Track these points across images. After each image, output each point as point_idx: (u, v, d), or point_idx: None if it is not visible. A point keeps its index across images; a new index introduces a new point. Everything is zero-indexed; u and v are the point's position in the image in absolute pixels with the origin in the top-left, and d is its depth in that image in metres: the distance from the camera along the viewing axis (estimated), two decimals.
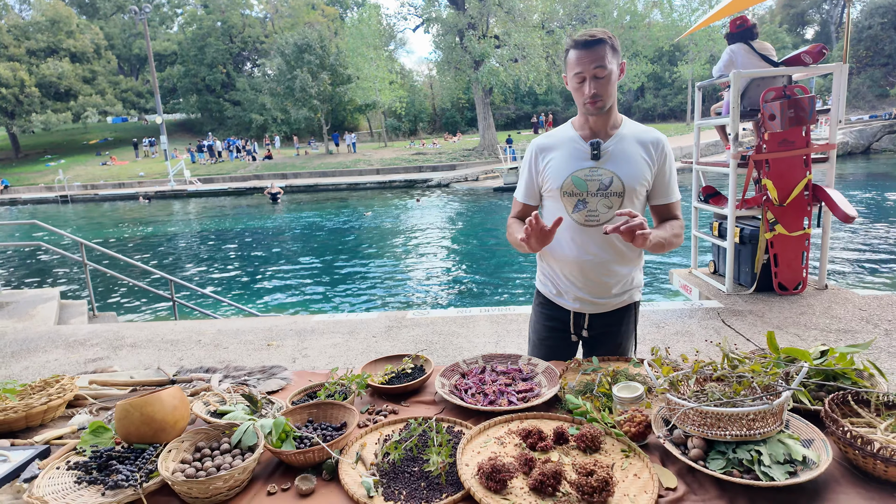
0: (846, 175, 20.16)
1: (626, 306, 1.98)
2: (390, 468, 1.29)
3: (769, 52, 4.98)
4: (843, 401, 1.35)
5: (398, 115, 41.68)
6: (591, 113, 1.80)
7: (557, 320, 2.02)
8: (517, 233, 1.83)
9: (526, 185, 1.98)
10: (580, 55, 1.73)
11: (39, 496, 1.18)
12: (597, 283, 1.90)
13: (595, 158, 1.82)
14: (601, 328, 1.98)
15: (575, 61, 1.74)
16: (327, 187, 25.68)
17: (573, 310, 1.97)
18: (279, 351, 4.29)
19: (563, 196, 1.85)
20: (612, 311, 1.96)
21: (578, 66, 1.74)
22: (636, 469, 1.24)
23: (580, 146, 1.85)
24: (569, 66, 1.78)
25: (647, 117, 44.43)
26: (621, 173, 1.81)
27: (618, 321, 1.98)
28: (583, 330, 1.99)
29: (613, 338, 1.99)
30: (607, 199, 1.82)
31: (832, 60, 9.73)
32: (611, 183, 1.81)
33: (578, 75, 1.75)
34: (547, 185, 1.89)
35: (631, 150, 1.83)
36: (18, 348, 4.61)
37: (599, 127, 1.85)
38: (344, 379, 1.72)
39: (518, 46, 26.53)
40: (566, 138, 1.89)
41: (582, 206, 1.84)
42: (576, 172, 1.83)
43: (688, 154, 23.54)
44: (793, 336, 3.94)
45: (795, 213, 4.61)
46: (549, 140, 1.93)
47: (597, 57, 1.71)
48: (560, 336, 2.04)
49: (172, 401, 1.40)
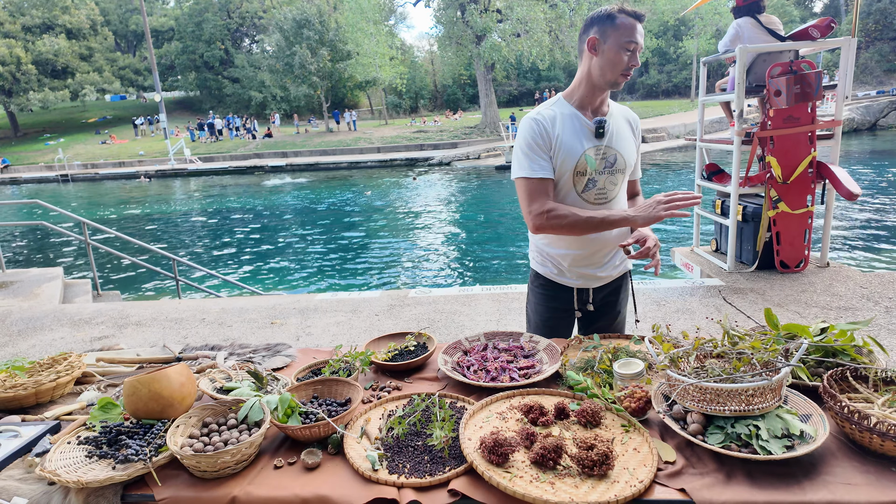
0: (851, 152, 19.98)
1: (622, 275, 2.06)
2: (394, 442, 1.32)
3: (776, 27, 4.89)
4: (842, 377, 1.37)
5: (399, 92, 41.20)
6: (616, 85, 1.77)
7: (560, 299, 2.03)
8: (605, 216, 1.73)
9: (541, 159, 1.79)
10: (636, 26, 1.72)
11: (52, 470, 1.21)
12: (601, 259, 1.95)
13: (599, 137, 1.82)
14: (603, 300, 2.04)
15: (632, 29, 1.71)
16: (328, 166, 25.54)
17: (576, 286, 1.99)
18: (283, 329, 4.33)
19: (576, 175, 1.81)
20: (612, 282, 2.03)
21: (636, 35, 1.72)
22: (636, 443, 1.27)
23: (585, 124, 1.82)
24: (620, 32, 1.71)
25: (651, 93, 43.89)
26: (623, 150, 1.86)
27: (616, 290, 2.05)
28: (588, 304, 2.02)
29: (614, 307, 2.06)
30: (613, 177, 1.86)
31: (840, 34, 9.52)
32: (615, 161, 1.85)
33: (631, 44, 1.71)
34: (559, 163, 1.80)
35: (623, 128, 1.90)
36: (25, 327, 4.66)
37: (598, 105, 1.85)
38: (348, 356, 1.74)
39: (521, 21, 26.05)
40: (567, 115, 1.82)
41: (592, 185, 1.84)
42: (587, 151, 1.81)
43: (692, 131, 23.33)
44: (793, 313, 3.95)
45: (799, 190, 4.58)
46: (550, 114, 1.83)
47: (642, 34, 1.75)
48: (563, 314, 2.05)
49: (179, 377, 1.42)
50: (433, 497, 1.15)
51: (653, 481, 1.14)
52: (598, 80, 1.78)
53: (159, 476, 1.24)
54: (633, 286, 2.13)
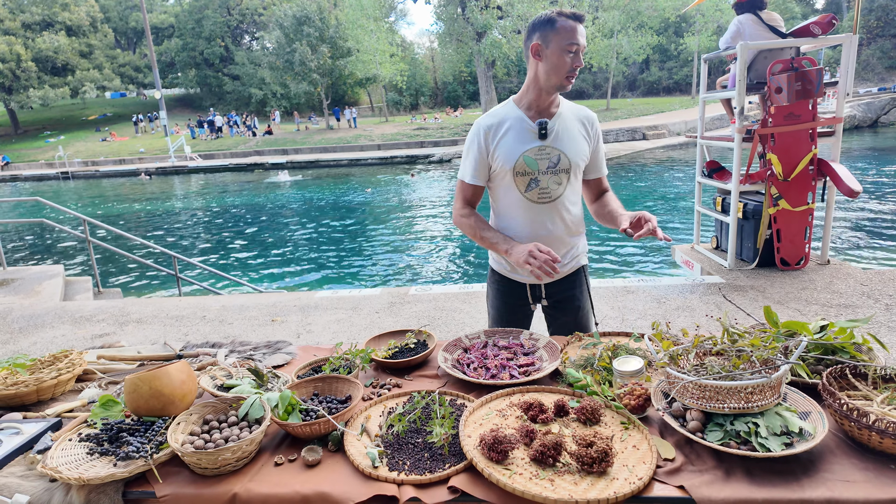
0: (852, 149, 19.94)
1: (575, 271, 2.10)
2: (394, 439, 1.32)
3: (777, 23, 4.88)
4: (841, 374, 1.37)
5: (399, 89, 41.18)
6: (562, 88, 1.83)
7: (514, 294, 2.11)
8: (492, 238, 1.91)
9: (475, 166, 1.95)
10: (577, 28, 1.77)
11: (53, 466, 1.22)
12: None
13: (542, 138, 1.88)
14: (559, 294, 2.09)
15: (572, 31, 1.76)
16: (328, 163, 25.51)
17: (528, 282, 2.08)
18: (283, 326, 4.33)
19: (516, 176, 1.90)
20: (564, 278, 2.08)
21: (577, 37, 1.77)
22: (635, 440, 1.27)
23: (528, 126, 1.89)
24: (561, 36, 1.77)
25: (652, 90, 43.81)
26: (567, 151, 1.90)
27: (571, 285, 2.10)
28: (542, 299, 2.10)
29: (572, 301, 2.11)
30: (556, 177, 1.91)
31: (842, 31, 9.50)
32: (559, 161, 1.90)
33: (574, 45, 1.76)
34: (498, 165, 1.91)
35: (572, 128, 1.93)
36: (26, 324, 4.66)
37: (546, 106, 1.90)
38: (348, 353, 1.75)
39: (521, 17, 26.02)
40: (513, 118, 1.91)
41: (534, 184, 1.91)
42: (526, 152, 1.88)
43: (693, 128, 23.29)
44: (793, 311, 3.96)
45: (800, 188, 4.58)
46: (495, 119, 1.92)
47: (584, 34, 1.80)
48: (519, 308, 2.13)
49: (180, 375, 1.42)
50: (433, 494, 1.16)
51: (652, 478, 1.15)
52: (545, 84, 1.84)
53: (160, 473, 1.24)
54: (591, 283, 2.17)
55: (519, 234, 1.96)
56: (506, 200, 1.97)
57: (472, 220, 1.98)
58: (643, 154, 21.39)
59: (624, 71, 36.13)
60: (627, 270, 8.21)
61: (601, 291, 4.65)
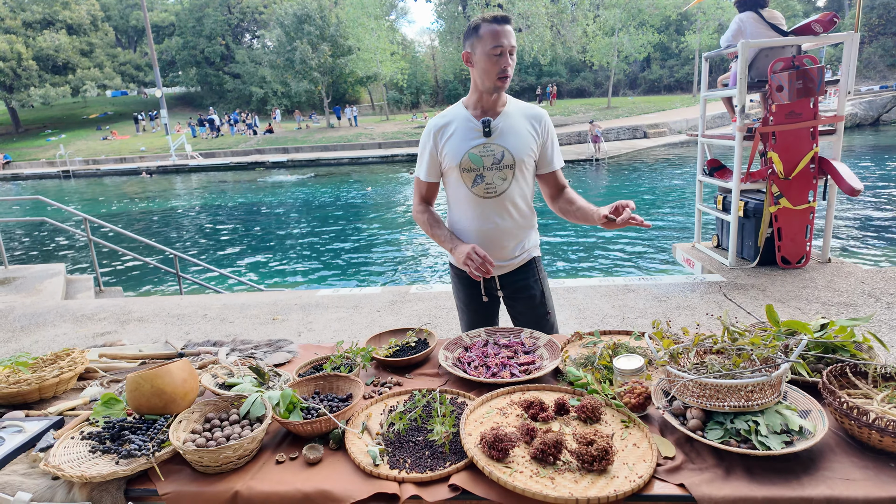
0: (854, 147, 19.91)
1: (527, 262, 2.17)
2: (395, 438, 1.33)
3: (779, 21, 4.87)
4: (841, 373, 1.37)
5: (400, 88, 41.09)
6: (497, 89, 1.90)
7: (473, 286, 2.18)
8: (440, 236, 2.03)
9: (428, 164, 2.07)
10: (501, 30, 1.83)
11: (56, 464, 1.22)
12: (499, 247, 2.08)
13: (487, 135, 1.96)
14: (513, 285, 2.16)
15: (494, 35, 1.83)
16: (329, 161, 25.51)
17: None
18: (284, 325, 4.34)
19: (462, 172, 1.99)
20: (516, 269, 2.15)
21: (501, 38, 1.83)
22: (635, 439, 1.27)
23: (473, 124, 1.98)
24: (484, 41, 1.84)
25: (652, 89, 43.70)
26: (511, 147, 1.97)
27: (524, 276, 2.16)
28: (497, 290, 2.17)
29: (528, 290, 2.17)
30: (501, 172, 1.99)
31: (843, 29, 9.49)
32: (502, 157, 1.97)
33: (498, 48, 1.83)
34: (446, 162, 2.02)
35: (518, 126, 1.99)
36: (27, 323, 4.67)
37: (490, 106, 1.98)
38: (349, 352, 1.75)
39: (522, 16, 25.98)
40: (460, 117, 2.01)
41: (480, 180, 1.99)
42: (471, 149, 1.97)
43: (693, 126, 23.26)
44: (794, 309, 3.96)
45: (801, 186, 4.58)
46: (445, 120, 2.03)
47: (511, 34, 1.86)
48: (480, 298, 2.19)
49: (182, 373, 1.43)
50: (434, 492, 1.16)
51: (652, 476, 1.15)
52: (482, 87, 1.94)
53: (162, 471, 1.25)
54: (543, 275, 2.21)
55: (468, 227, 2.06)
56: (456, 195, 2.06)
57: (426, 217, 2.10)
58: (644, 152, 21.37)
59: (625, 69, 36.04)
60: (628, 268, 8.21)
61: (602, 290, 4.65)
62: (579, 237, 10.30)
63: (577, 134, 23.89)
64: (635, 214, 1.71)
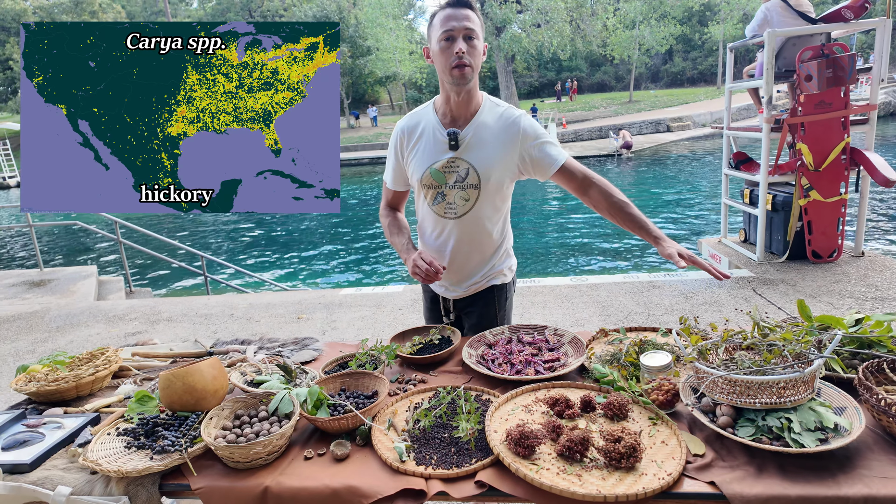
0: (888, 137, 19.26)
1: (483, 290, 1.98)
2: (421, 434, 1.34)
3: (806, 9, 4.74)
4: (878, 368, 1.33)
5: (419, 87, 41.19)
6: (456, 82, 1.67)
7: (435, 302, 2.09)
8: (398, 245, 1.91)
9: (394, 172, 1.94)
10: (449, 13, 1.63)
11: (94, 459, 1.26)
12: (455, 270, 1.93)
13: (453, 148, 1.76)
14: (464, 310, 2.04)
15: (444, 19, 1.64)
16: (350, 162, 25.72)
17: (440, 294, 2.04)
18: (309, 323, 4.39)
19: (423, 188, 1.83)
20: (472, 296, 1.99)
21: (450, 22, 1.62)
22: (664, 436, 1.26)
23: (440, 135, 1.78)
24: (435, 29, 1.66)
25: (675, 81, 42.95)
26: (477, 163, 1.76)
27: (479, 304, 1.99)
28: (450, 313, 2.05)
29: (480, 318, 2.00)
30: (464, 192, 1.79)
31: (875, 15, 9.22)
32: (467, 175, 1.77)
33: (446, 33, 1.63)
34: (410, 173, 1.88)
35: (489, 136, 1.76)
36: (63, 323, 4.83)
37: (461, 110, 1.76)
38: (374, 349, 1.77)
39: (541, 11, 25.76)
40: (429, 125, 1.81)
41: (441, 198, 1.82)
42: (434, 165, 1.78)
43: (718, 119, 22.78)
44: (826, 305, 3.85)
45: (831, 178, 4.45)
46: (413, 123, 1.85)
47: (466, 17, 1.63)
48: (439, 317, 2.09)
49: (212, 371, 1.46)
50: (460, 488, 1.17)
51: (681, 474, 1.13)
52: (446, 85, 1.73)
53: (195, 466, 1.28)
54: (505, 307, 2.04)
55: (427, 243, 1.94)
56: (420, 207, 1.93)
57: (388, 222, 1.98)
58: (667, 146, 21.02)
59: (646, 62, 35.47)
60: (652, 263, 8.10)
61: (626, 286, 4.59)
62: (601, 233, 10.19)
63: (599, 129, 23.62)
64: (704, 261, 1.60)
